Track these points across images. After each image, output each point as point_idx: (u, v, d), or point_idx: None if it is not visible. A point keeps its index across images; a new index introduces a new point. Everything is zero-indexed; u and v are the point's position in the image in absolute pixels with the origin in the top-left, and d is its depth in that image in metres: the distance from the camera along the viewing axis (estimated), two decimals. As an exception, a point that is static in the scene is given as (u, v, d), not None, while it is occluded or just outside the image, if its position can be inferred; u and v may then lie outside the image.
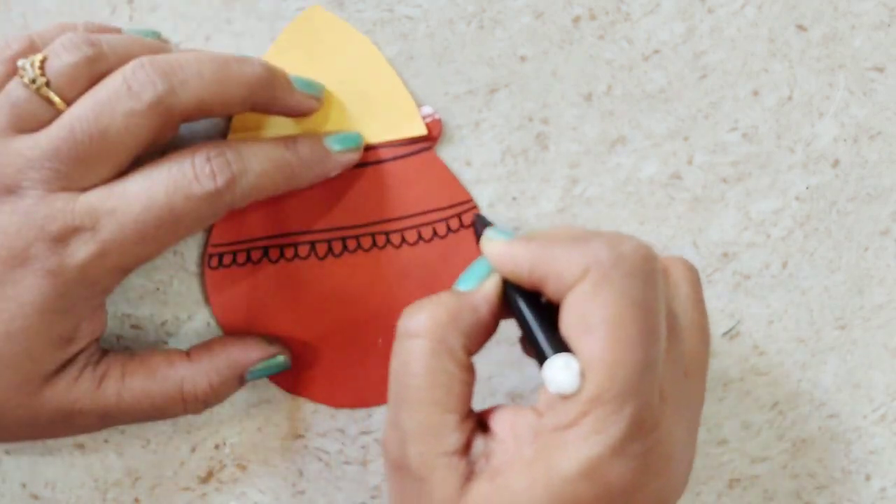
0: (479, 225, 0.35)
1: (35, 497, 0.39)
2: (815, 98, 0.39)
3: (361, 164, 0.38)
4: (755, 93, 0.39)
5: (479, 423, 0.31)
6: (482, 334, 0.32)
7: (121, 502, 0.39)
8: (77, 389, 0.34)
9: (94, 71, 0.33)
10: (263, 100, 0.35)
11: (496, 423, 0.31)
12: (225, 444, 0.39)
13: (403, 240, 0.38)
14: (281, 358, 0.37)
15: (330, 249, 0.38)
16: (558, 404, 0.29)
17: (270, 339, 0.37)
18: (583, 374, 0.28)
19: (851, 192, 0.40)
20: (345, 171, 0.38)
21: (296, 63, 0.38)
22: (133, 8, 0.39)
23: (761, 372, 0.40)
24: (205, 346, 0.37)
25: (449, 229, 0.38)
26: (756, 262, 0.39)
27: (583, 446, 0.28)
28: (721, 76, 0.39)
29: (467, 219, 0.38)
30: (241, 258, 0.38)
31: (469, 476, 0.29)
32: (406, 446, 0.30)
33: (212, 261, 0.38)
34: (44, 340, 0.33)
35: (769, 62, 0.39)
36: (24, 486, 0.39)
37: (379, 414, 0.39)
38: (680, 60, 0.39)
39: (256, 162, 0.34)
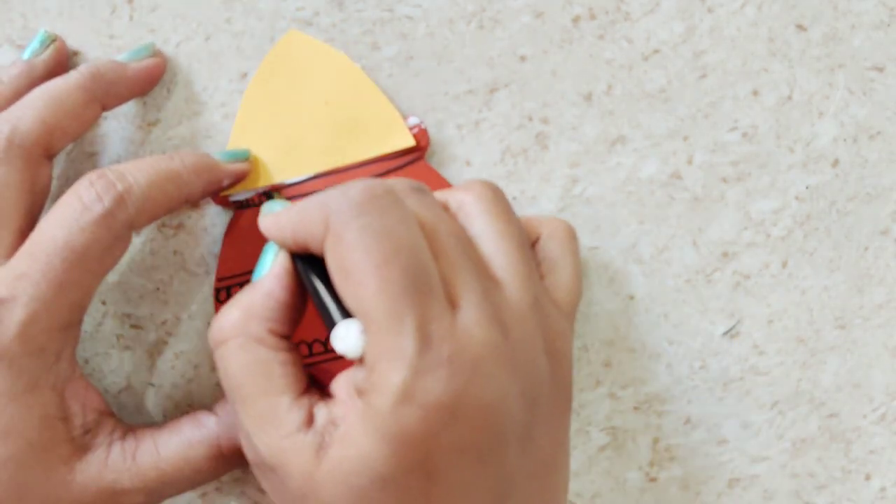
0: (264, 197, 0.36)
1: (35, 497, 0.39)
2: (814, 98, 0.40)
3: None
4: (755, 92, 0.39)
5: (325, 395, 0.31)
6: (287, 312, 0.32)
7: (121, 502, 0.39)
8: (112, 468, 0.33)
9: None
10: (103, 91, 0.36)
11: (336, 387, 0.31)
12: (225, 443, 0.39)
13: None
14: None
15: None
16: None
17: None
18: (364, 333, 0.29)
19: (851, 192, 0.40)
20: None
21: (279, 90, 0.38)
22: (133, 8, 0.39)
23: (761, 372, 0.40)
24: (224, 402, 0.36)
25: None
26: (756, 261, 0.39)
27: (388, 378, 0.28)
28: (721, 76, 0.39)
29: None
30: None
31: (321, 446, 0.29)
32: (253, 442, 0.31)
33: (220, 295, 0.38)
34: (33, 424, 0.32)
35: (769, 62, 0.39)
36: (24, 485, 0.39)
37: (379, 413, 0.39)
38: (680, 60, 0.39)
39: (141, 175, 0.33)
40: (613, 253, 0.39)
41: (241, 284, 0.38)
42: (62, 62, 0.38)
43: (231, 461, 0.35)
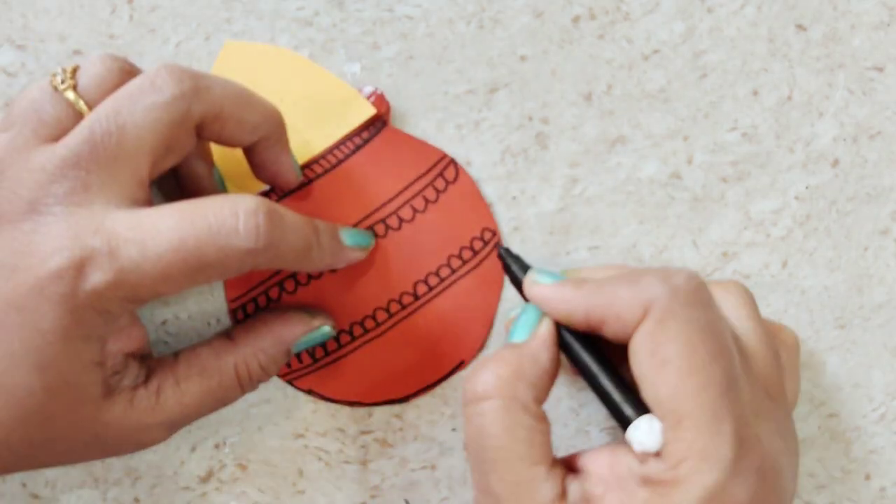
0: (509, 260, 0.35)
1: (35, 496, 0.39)
2: (814, 98, 0.40)
3: (331, 168, 0.38)
4: (755, 92, 0.39)
5: (568, 468, 0.31)
6: (547, 381, 0.32)
7: (121, 502, 0.39)
8: (136, 411, 0.33)
9: (124, 83, 0.32)
10: (268, 138, 0.35)
11: (591, 463, 0.31)
12: (225, 444, 0.39)
13: (401, 220, 0.38)
14: (326, 328, 0.37)
15: None
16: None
17: (312, 311, 0.37)
18: (663, 432, 0.29)
19: (851, 192, 0.40)
20: (318, 184, 0.38)
21: None
22: (133, 8, 0.39)
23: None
24: (247, 327, 0.36)
25: (437, 191, 0.38)
26: (756, 261, 0.39)
27: (698, 477, 0.28)
28: (721, 76, 0.39)
29: (450, 174, 0.39)
30: (262, 301, 0.38)
31: None
32: None
33: (237, 314, 0.38)
34: (76, 367, 0.31)
35: (769, 62, 0.39)
36: (24, 485, 0.39)
37: (379, 413, 0.39)
38: (680, 60, 0.39)
39: (293, 233, 0.33)
40: (613, 253, 0.39)
41: (255, 299, 0.38)
42: None
43: (245, 388, 0.35)
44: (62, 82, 0.32)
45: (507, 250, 0.35)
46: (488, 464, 0.30)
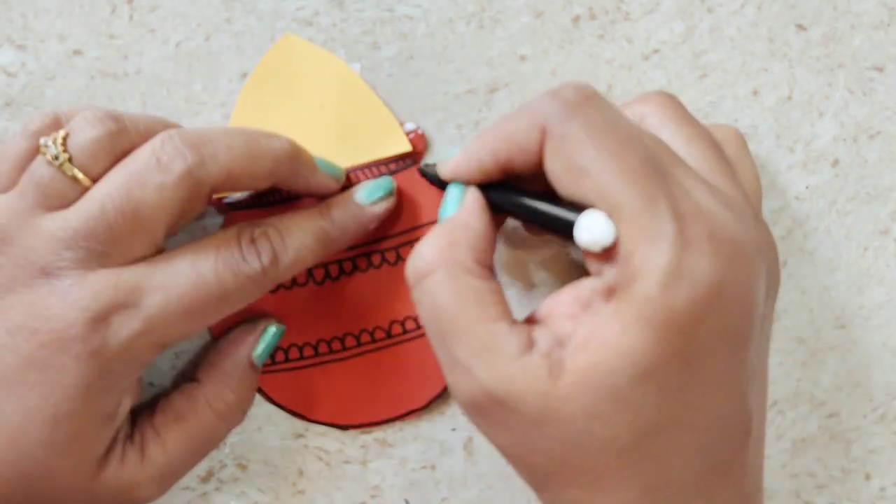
0: (429, 171, 0.36)
1: (35, 497, 0.39)
2: (814, 97, 0.40)
3: (348, 187, 0.38)
4: (755, 92, 0.39)
5: (533, 323, 0.31)
6: (485, 243, 0.32)
7: (121, 502, 0.39)
8: (127, 469, 0.34)
9: (117, 146, 0.33)
10: (288, 175, 0.35)
11: (554, 307, 0.30)
12: (225, 443, 0.39)
13: (399, 257, 0.38)
14: (272, 326, 0.37)
15: (327, 274, 0.38)
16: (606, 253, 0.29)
17: (250, 319, 0.38)
18: (611, 216, 0.28)
19: (851, 192, 0.40)
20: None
21: (275, 91, 0.38)
22: (133, 8, 0.39)
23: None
24: (206, 363, 0.37)
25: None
26: (756, 261, 0.40)
27: (651, 261, 0.27)
28: (721, 76, 0.39)
29: None
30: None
31: (554, 364, 0.28)
32: (474, 376, 0.29)
33: (213, 329, 0.38)
34: (91, 421, 0.32)
35: (769, 62, 0.39)
36: (23, 485, 0.39)
37: (379, 413, 0.39)
38: (680, 60, 0.39)
39: (296, 238, 0.34)
40: (613, 253, 0.39)
41: None
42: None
43: (229, 422, 0.36)
44: (56, 158, 0.32)
45: (427, 165, 0.36)
46: (448, 335, 0.30)
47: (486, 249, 0.32)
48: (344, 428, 0.38)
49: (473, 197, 0.33)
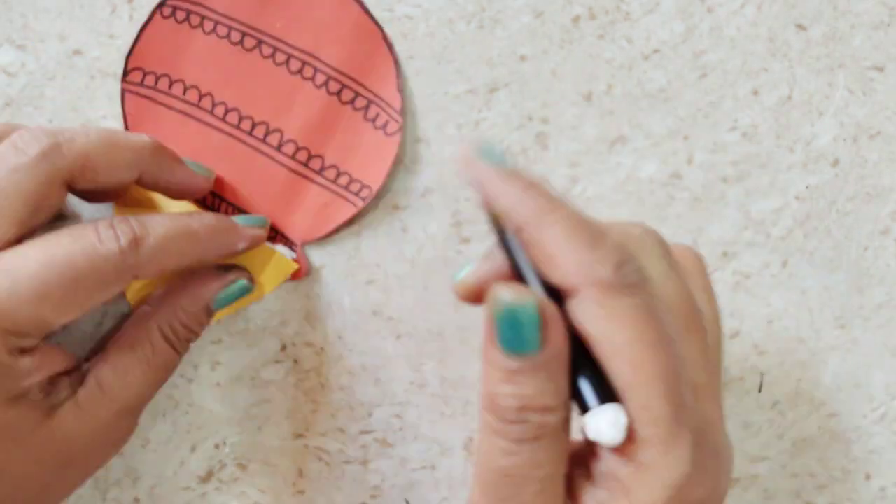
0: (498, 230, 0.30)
1: (35, 497, 0.39)
2: (814, 97, 0.40)
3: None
4: (755, 92, 0.39)
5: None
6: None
7: (121, 502, 0.39)
8: (88, 411, 0.34)
9: None
10: (151, 165, 0.35)
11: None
12: (225, 444, 0.39)
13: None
14: (241, 281, 0.37)
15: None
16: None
17: (227, 266, 0.38)
18: (627, 426, 0.27)
19: (851, 192, 0.40)
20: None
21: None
22: (133, 8, 0.39)
23: (761, 372, 0.40)
24: (165, 290, 0.37)
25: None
26: (756, 261, 0.39)
27: (663, 473, 0.27)
28: (721, 76, 0.39)
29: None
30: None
31: None
32: None
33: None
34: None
35: (769, 62, 0.39)
36: (23, 485, 0.39)
37: (379, 413, 0.39)
38: (680, 60, 0.39)
39: (160, 227, 0.34)
40: (613, 253, 0.39)
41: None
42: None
43: (181, 342, 0.36)
44: None
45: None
46: None
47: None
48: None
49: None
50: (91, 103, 0.39)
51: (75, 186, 0.34)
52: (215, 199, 0.39)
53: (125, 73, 0.38)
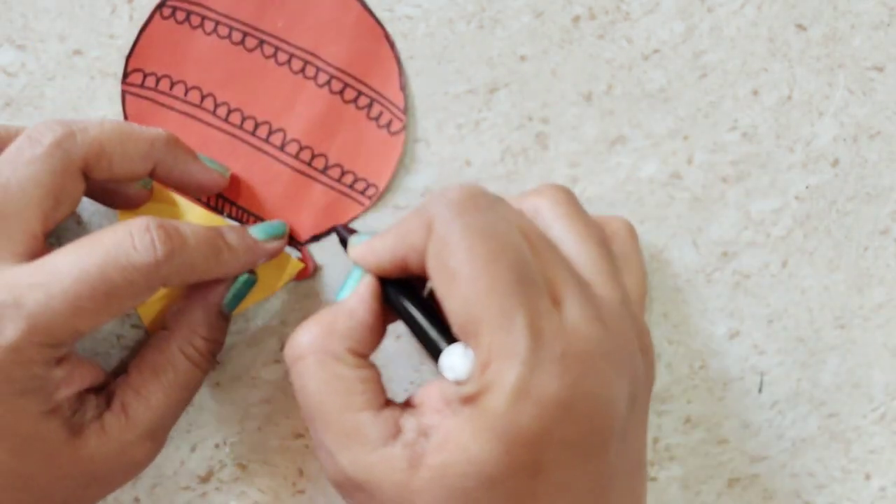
0: (342, 235, 0.36)
1: (35, 497, 0.39)
2: (814, 97, 0.40)
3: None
4: (755, 92, 0.39)
5: (408, 407, 0.31)
6: (367, 334, 0.32)
7: (121, 502, 0.39)
8: (111, 434, 0.34)
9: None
10: (166, 157, 0.35)
11: (424, 396, 0.31)
12: (225, 443, 0.39)
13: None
14: (244, 276, 0.37)
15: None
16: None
17: None
18: (476, 360, 0.29)
19: (851, 192, 0.40)
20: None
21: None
22: (133, 8, 0.39)
23: (761, 371, 0.40)
24: (176, 312, 0.36)
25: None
26: (756, 261, 0.39)
27: (502, 377, 0.28)
28: (721, 76, 0.39)
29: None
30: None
31: (415, 456, 0.29)
32: (337, 461, 0.30)
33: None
34: (26, 423, 0.32)
35: (769, 62, 0.39)
36: (23, 485, 0.39)
37: (379, 413, 0.39)
38: (680, 60, 0.39)
39: (193, 239, 0.33)
40: (613, 253, 0.39)
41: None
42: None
43: (201, 366, 0.36)
44: None
45: (340, 229, 0.37)
46: (315, 420, 0.31)
47: (366, 339, 0.32)
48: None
49: (366, 286, 0.33)
50: (91, 103, 0.39)
51: (90, 175, 0.34)
52: (220, 199, 0.39)
53: (125, 74, 0.38)
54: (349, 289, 0.33)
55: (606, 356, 0.30)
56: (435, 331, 0.31)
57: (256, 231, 0.36)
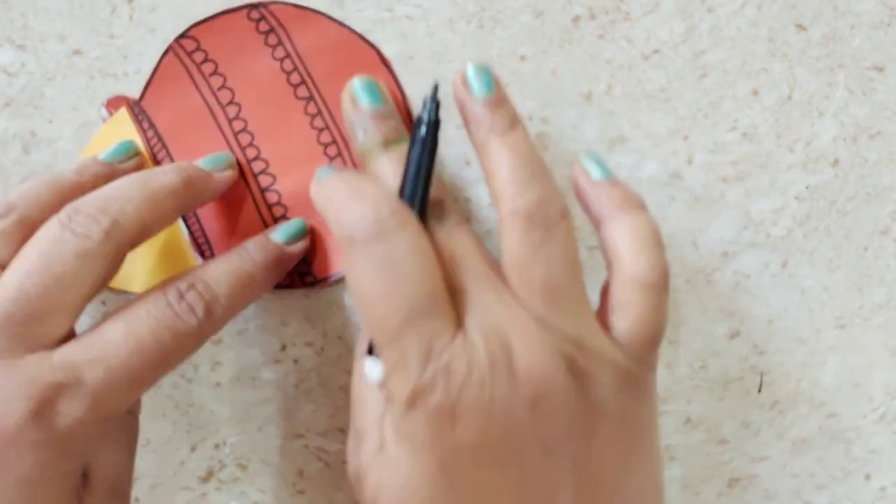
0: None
1: (35, 497, 0.39)
2: (814, 97, 0.40)
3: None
4: (755, 92, 0.39)
5: None
6: None
7: (121, 502, 0.39)
8: None
9: (21, 231, 0.33)
10: (190, 200, 0.35)
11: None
12: (225, 444, 0.39)
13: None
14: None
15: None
16: None
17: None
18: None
19: (851, 192, 0.40)
20: None
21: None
22: (133, 8, 0.39)
23: (761, 371, 0.40)
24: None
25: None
26: (756, 261, 0.40)
27: (396, 389, 0.30)
28: (721, 75, 0.39)
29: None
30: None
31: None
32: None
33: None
34: (61, 496, 0.32)
35: (769, 62, 0.39)
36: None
37: (379, 413, 0.39)
38: (680, 60, 0.39)
39: (224, 285, 0.34)
40: (613, 253, 0.39)
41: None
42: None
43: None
44: None
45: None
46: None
47: None
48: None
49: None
50: (91, 103, 0.39)
51: (133, 248, 0.34)
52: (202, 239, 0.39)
53: (183, 34, 0.38)
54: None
55: (495, 367, 0.30)
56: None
57: (278, 235, 0.37)
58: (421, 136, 0.33)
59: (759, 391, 0.40)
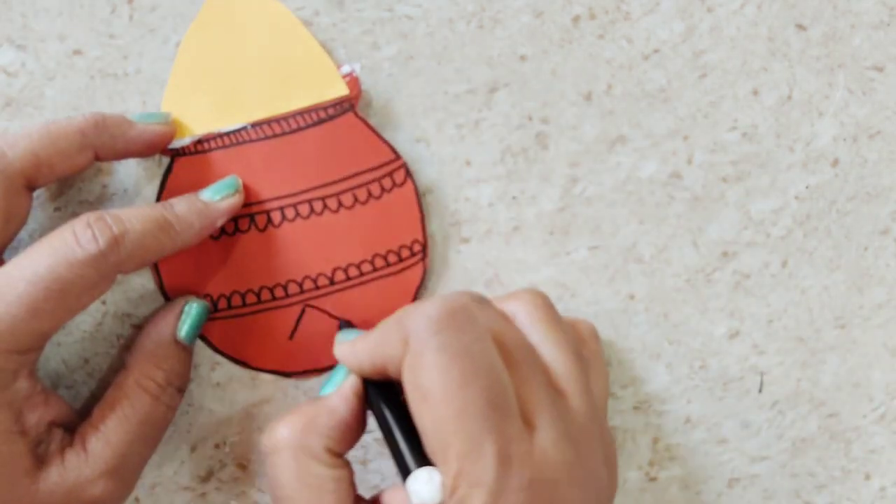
0: (343, 327, 0.37)
1: (35, 497, 0.39)
2: (814, 97, 0.40)
3: (287, 132, 0.38)
4: (755, 92, 0.39)
5: None
6: (346, 433, 0.33)
7: (121, 502, 0.39)
8: (71, 470, 0.34)
9: None
10: (102, 142, 0.35)
11: (390, 500, 0.32)
12: (225, 443, 0.39)
13: (340, 204, 0.38)
14: (192, 302, 0.37)
15: (269, 221, 0.38)
16: None
17: (173, 300, 0.38)
18: (444, 485, 0.29)
19: (851, 192, 0.40)
20: (271, 143, 0.38)
21: (216, 39, 0.38)
22: (133, 8, 0.39)
23: (761, 371, 0.40)
24: (131, 349, 0.37)
25: (383, 189, 0.38)
26: (756, 261, 0.39)
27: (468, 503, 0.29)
28: (721, 75, 0.39)
29: (399, 177, 0.38)
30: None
31: None
32: None
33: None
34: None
35: (769, 61, 0.39)
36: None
37: (379, 413, 0.39)
38: (679, 60, 0.39)
39: (137, 222, 0.34)
40: (613, 253, 0.39)
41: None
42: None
43: (165, 399, 0.36)
44: None
45: (342, 323, 0.38)
46: None
47: (345, 438, 0.33)
48: (287, 375, 0.38)
49: (350, 385, 0.33)
50: (91, 103, 0.39)
51: (35, 185, 0.34)
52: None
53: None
54: (333, 384, 0.34)
55: (573, 479, 0.30)
56: (407, 446, 0.31)
57: (207, 193, 0.37)
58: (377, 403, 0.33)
59: (760, 391, 0.40)
